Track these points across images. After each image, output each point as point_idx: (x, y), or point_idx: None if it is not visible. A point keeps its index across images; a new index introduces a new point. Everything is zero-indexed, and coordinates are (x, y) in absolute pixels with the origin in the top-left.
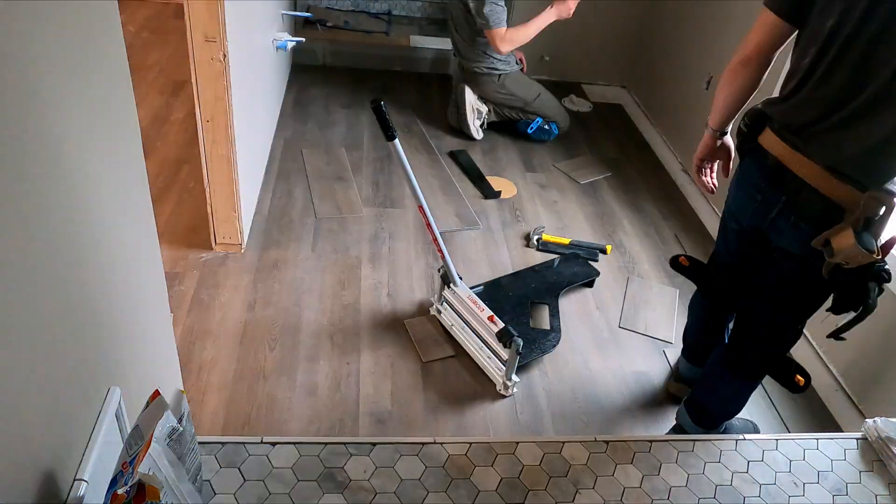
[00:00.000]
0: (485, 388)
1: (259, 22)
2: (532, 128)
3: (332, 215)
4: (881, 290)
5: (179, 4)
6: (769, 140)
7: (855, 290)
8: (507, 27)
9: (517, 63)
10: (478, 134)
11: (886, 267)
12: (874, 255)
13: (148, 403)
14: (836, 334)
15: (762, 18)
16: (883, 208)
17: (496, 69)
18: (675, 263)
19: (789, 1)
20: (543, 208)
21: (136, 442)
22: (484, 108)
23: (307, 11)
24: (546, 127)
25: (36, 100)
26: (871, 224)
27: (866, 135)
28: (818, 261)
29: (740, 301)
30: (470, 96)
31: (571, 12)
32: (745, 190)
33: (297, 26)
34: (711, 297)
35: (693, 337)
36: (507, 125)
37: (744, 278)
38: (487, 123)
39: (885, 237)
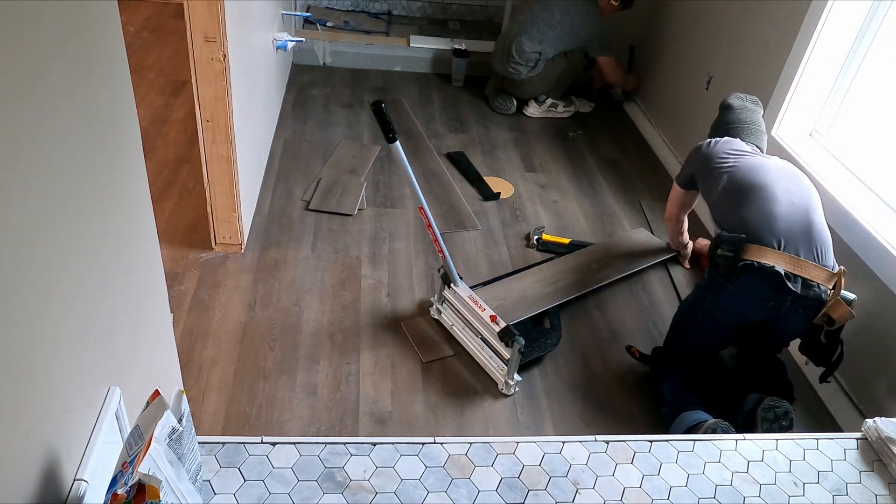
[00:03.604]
0: (484, 388)
1: (259, 22)
2: None
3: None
4: None
5: (179, 4)
6: (766, 254)
7: (835, 343)
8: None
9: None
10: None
11: None
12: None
13: (148, 403)
14: (826, 378)
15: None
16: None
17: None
18: (628, 351)
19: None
20: (543, 208)
21: (136, 442)
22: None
23: (307, 11)
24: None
25: (36, 100)
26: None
27: (821, 229)
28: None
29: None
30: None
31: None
32: (749, 301)
33: (297, 26)
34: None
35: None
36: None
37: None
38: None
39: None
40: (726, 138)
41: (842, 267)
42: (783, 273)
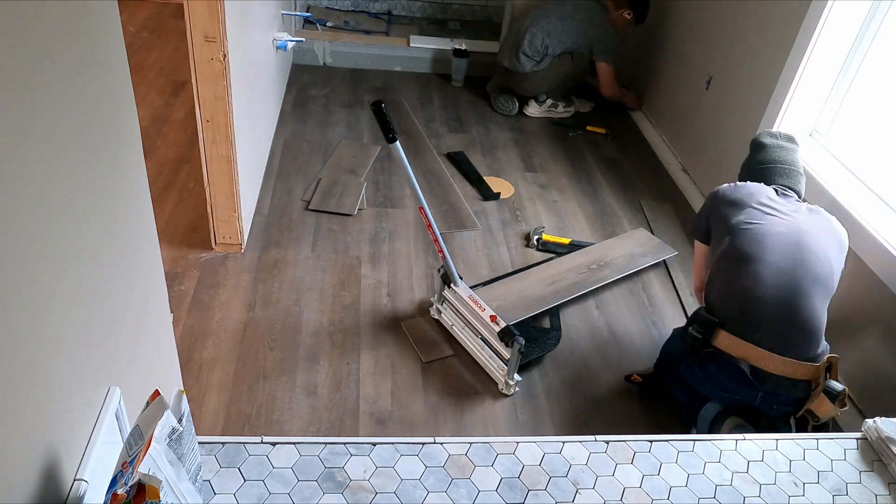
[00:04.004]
0: (484, 388)
1: (259, 22)
2: None
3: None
4: None
5: (179, 4)
6: (735, 346)
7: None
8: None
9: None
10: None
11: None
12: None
13: (148, 403)
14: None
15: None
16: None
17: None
18: (628, 380)
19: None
20: (543, 208)
21: (136, 442)
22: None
23: (307, 11)
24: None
25: (36, 100)
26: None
27: (809, 317)
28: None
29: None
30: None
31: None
32: (716, 391)
33: (297, 26)
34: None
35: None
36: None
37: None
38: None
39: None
40: (751, 184)
41: (831, 356)
42: (747, 371)
